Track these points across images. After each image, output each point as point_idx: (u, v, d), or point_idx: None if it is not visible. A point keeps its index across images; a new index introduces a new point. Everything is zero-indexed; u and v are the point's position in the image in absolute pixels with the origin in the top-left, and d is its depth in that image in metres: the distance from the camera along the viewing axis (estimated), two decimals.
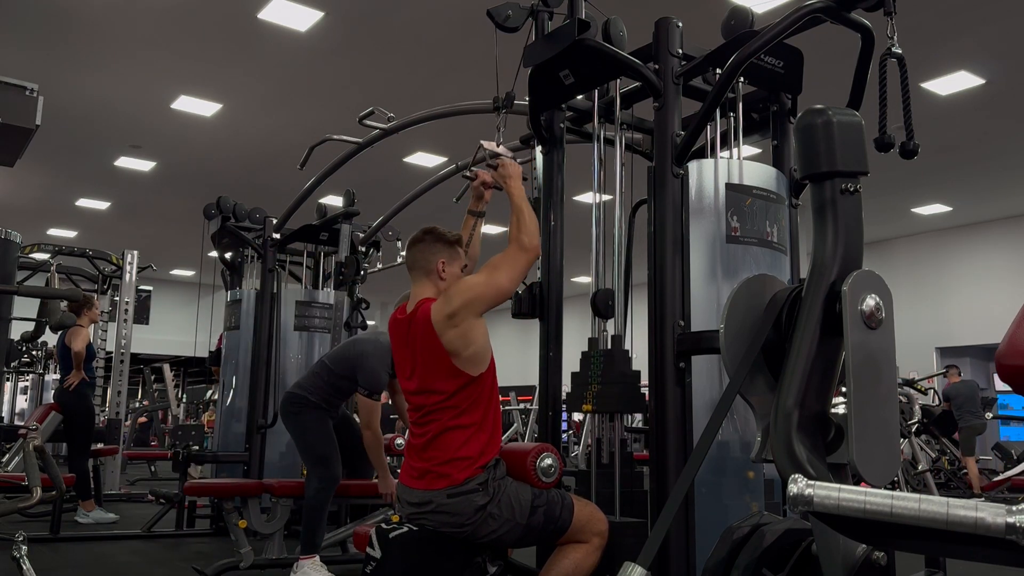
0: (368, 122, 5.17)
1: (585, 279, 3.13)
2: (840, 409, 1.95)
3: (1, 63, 7.91)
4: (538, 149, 3.27)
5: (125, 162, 11.14)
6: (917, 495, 1.29)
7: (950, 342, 13.70)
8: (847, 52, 3.03)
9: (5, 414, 13.36)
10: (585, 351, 2.96)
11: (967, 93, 8.43)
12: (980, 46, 7.52)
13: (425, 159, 10.55)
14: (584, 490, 2.87)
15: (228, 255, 6.61)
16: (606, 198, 3.11)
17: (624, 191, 3.11)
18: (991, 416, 10.34)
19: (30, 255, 9.09)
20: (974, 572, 2.71)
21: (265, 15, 7.12)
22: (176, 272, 18.43)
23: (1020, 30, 7.20)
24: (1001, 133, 9.62)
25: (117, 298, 9.02)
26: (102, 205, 13.34)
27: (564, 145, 3.26)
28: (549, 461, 2.51)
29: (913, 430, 8.54)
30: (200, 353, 8.21)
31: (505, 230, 2.69)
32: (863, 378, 1.91)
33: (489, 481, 2.38)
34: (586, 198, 9.36)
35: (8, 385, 13.59)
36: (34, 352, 11.94)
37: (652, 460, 2.62)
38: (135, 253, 8.98)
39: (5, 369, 8.87)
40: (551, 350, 3.12)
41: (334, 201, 7.04)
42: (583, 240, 3.19)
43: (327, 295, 6.16)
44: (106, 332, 9.70)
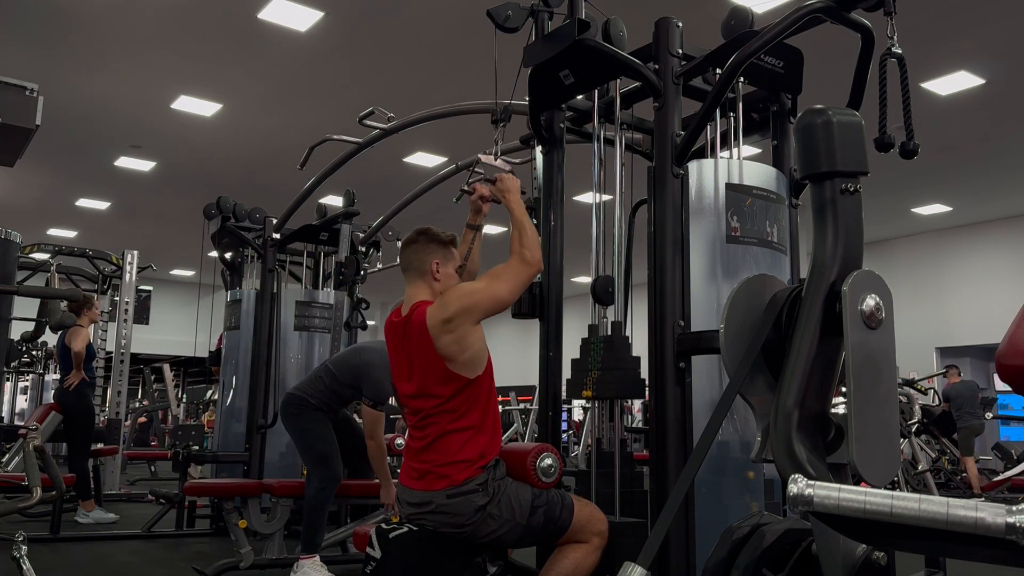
0: (368, 122, 5.17)
1: (585, 279, 3.13)
2: (840, 409, 1.95)
3: (1, 63, 7.91)
4: (538, 149, 3.27)
5: (125, 162, 11.15)
6: (917, 495, 1.29)
7: (950, 342, 13.70)
8: (847, 52, 3.03)
9: (5, 414, 13.36)
10: (585, 338, 2.93)
11: (967, 93, 8.43)
12: (980, 46, 7.52)
13: (425, 159, 10.55)
14: (584, 490, 2.87)
15: (228, 255, 6.61)
16: (606, 198, 3.11)
17: (624, 191, 3.11)
18: (991, 416, 10.34)
19: (30, 255, 9.08)
20: (974, 572, 2.71)
21: (265, 15, 7.12)
22: (176, 272, 18.43)
23: (1020, 30, 7.20)
24: (1001, 133, 9.63)
25: (117, 298, 9.02)
26: (102, 205, 13.34)
27: (564, 145, 3.26)
28: (549, 461, 2.51)
29: (913, 430, 8.54)
30: (200, 353, 8.21)
31: (504, 230, 2.69)
32: (863, 378, 1.91)
33: (489, 481, 2.37)
34: (586, 198, 9.36)
35: (8, 385, 13.59)
36: (34, 352, 11.95)
37: (652, 460, 2.62)
38: (135, 253, 8.98)
39: (5, 369, 8.87)
40: (551, 350, 3.12)
41: (334, 201, 7.04)
42: (583, 240, 3.19)
43: (327, 295, 6.16)
44: (106, 332, 9.70)
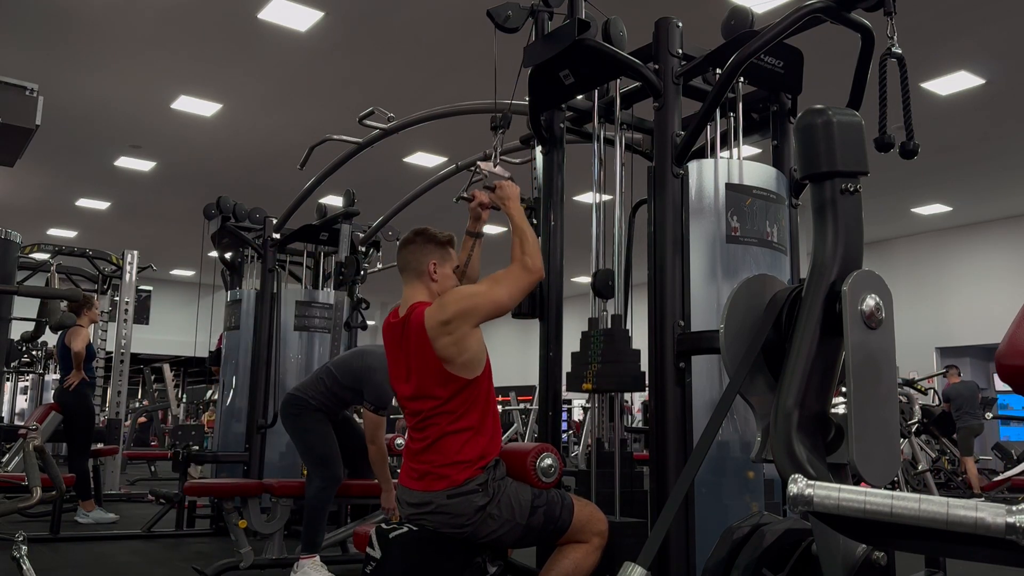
0: (368, 122, 5.17)
1: (585, 279, 3.13)
2: (840, 409, 1.95)
3: (1, 63, 7.91)
4: (538, 149, 3.27)
5: (125, 162, 11.15)
6: (917, 495, 1.29)
7: (950, 342, 13.70)
8: (847, 52, 3.03)
9: (5, 414, 13.37)
10: (585, 331, 2.92)
11: (967, 93, 8.43)
12: (980, 46, 7.52)
13: (425, 159, 10.55)
14: (584, 490, 2.87)
15: (228, 255, 6.61)
16: (606, 198, 3.10)
17: (624, 191, 3.11)
18: (991, 416, 10.34)
19: (30, 255, 9.09)
20: (974, 572, 2.71)
21: (265, 15, 7.12)
22: (176, 272, 18.43)
23: (1020, 30, 7.20)
24: (1001, 133, 9.62)
25: (117, 298, 9.03)
26: (102, 205, 13.34)
27: (564, 145, 3.26)
28: (549, 461, 2.50)
29: (913, 430, 8.54)
30: (200, 353, 8.21)
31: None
32: (863, 378, 1.91)
33: (489, 482, 2.37)
34: (586, 198, 9.35)
35: (8, 385, 13.60)
36: (34, 352, 11.95)
37: (652, 460, 2.62)
38: (135, 253, 8.98)
39: (5, 369, 8.87)
40: (551, 350, 3.12)
41: (334, 201, 7.04)
42: (583, 240, 3.19)
43: (327, 295, 6.16)
44: (106, 332, 9.70)
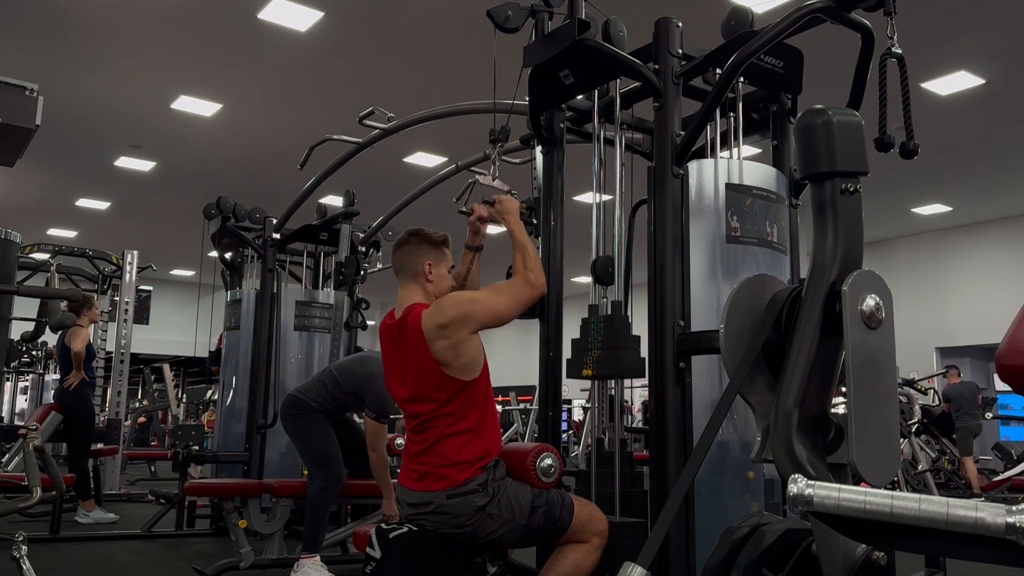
0: (368, 122, 5.17)
1: (585, 279, 3.13)
2: (840, 409, 1.95)
3: (1, 63, 7.92)
4: (538, 149, 3.27)
5: (125, 162, 11.15)
6: (917, 495, 1.29)
7: (950, 342, 13.70)
8: (847, 52, 3.03)
9: (5, 414, 13.37)
10: (585, 318, 2.91)
11: (967, 93, 8.43)
12: (980, 46, 7.52)
13: (425, 159, 10.55)
14: (584, 490, 2.86)
15: (228, 255, 6.61)
16: (606, 198, 3.10)
17: (624, 191, 3.11)
18: (991, 416, 10.34)
19: (30, 255, 9.09)
20: (974, 572, 2.71)
21: (265, 15, 7.12)
22: (176, 272, 18.43)
23: (1020, 30, 7.20)
24: (1001, 133, 9.62)
25: (117, 298, 9.03)
26: (102, 205, 13.34)
27: (564, 145, 3.25)
28: (549, 461, 2.50)
29: (913, 430, 8.54)
30: (200, 353, 8.21)
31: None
32: (863, 378, 1.91)
33: (489, 482, 2.37)
34: (586, 198, 9.35)
35: (8, 385, 13.60)
36: (34, 352, 11.95)
37: (652, 460, 2.62)
38: (135, 253, 8.98)
39: (5, 369, 8.87)
40: (551, 350, 3.12)
41: (334, 201, 7.04)
42: (583, 240, 3.19)
43: (327, 295, 6.16)
44: (106, 332, 9.70)
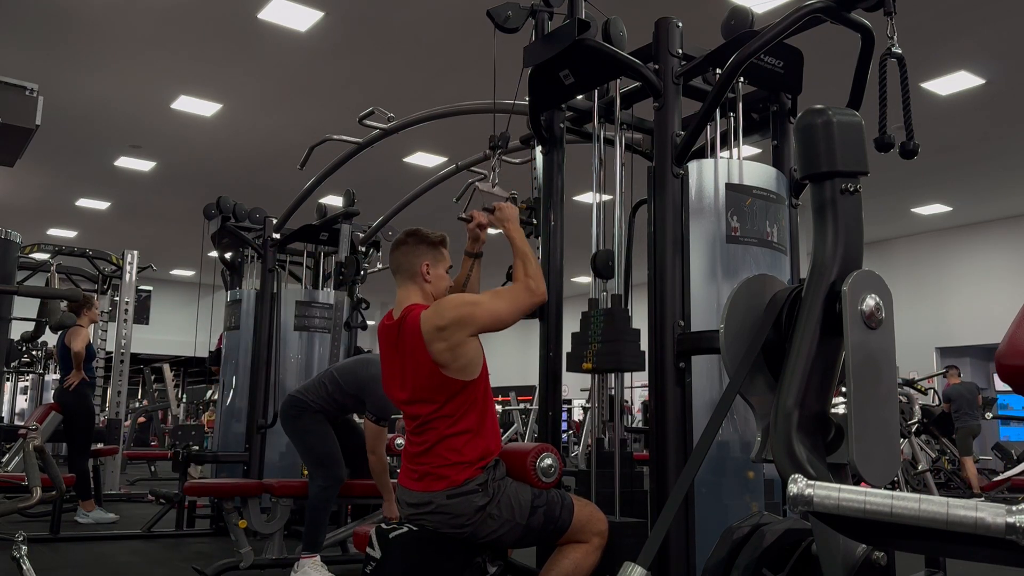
0: (368, 122, 5.17)
1: (585, 279, 3.13)
2: (840, 409, 1.95)
3: (1, 63, 7.91)
4: (538, 149, 3.27)
5: (125, 162, 11.14)
6: (917, 495, 1.29)
7: (950, 342, 13.70)
8: (847, 52, 3.03)
9: (5, 414, 13.37)
10: (585, 311, 2.90)
11: (967, 93, 8.43)
12: (980, 46, 7.52)
13: (425, 159, 10.55)
14: (584, 490, 2.86)
15: (228, 255, 6.61)
16: (606, 198, 3.10)
17: (624, 191, 3.11)
18: (991, 416, 10.33)
19: (30, 255, 9.09)
20: (974, 572, 2.71)
21: (265, 15, 7.12)
22: (176, 272, 18.43)
23: (1020, 30, 7.20)
24: (1001, 133, 9.62)
25: (117, 298, 9.03)
26: (102, 205, 13.34)
27: (564, 145, 3.25)
28: (549, 461, 2.50)
29: (913, 430, 8.54)
30: (200, 353, 8.21)
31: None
32: (863, 378, 1.91)
33: (489, 482, 2.37)
34: (586, 198, 9.36)
35: (8, 385, 13.60)
36: (34, 352, 11.96)
37: (652, 460, 2.62)
38: (135, 253, 8.98)
39: (5, 369, 8.87)
40: (551, 350, 3.12)
41: (334, 201, 7.04)
42: (583, 240, 3.19)
43: (327, 295, 6.16)
44: (106, 332, 9.70)
